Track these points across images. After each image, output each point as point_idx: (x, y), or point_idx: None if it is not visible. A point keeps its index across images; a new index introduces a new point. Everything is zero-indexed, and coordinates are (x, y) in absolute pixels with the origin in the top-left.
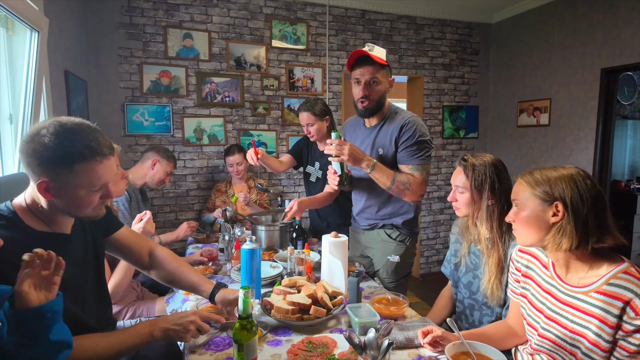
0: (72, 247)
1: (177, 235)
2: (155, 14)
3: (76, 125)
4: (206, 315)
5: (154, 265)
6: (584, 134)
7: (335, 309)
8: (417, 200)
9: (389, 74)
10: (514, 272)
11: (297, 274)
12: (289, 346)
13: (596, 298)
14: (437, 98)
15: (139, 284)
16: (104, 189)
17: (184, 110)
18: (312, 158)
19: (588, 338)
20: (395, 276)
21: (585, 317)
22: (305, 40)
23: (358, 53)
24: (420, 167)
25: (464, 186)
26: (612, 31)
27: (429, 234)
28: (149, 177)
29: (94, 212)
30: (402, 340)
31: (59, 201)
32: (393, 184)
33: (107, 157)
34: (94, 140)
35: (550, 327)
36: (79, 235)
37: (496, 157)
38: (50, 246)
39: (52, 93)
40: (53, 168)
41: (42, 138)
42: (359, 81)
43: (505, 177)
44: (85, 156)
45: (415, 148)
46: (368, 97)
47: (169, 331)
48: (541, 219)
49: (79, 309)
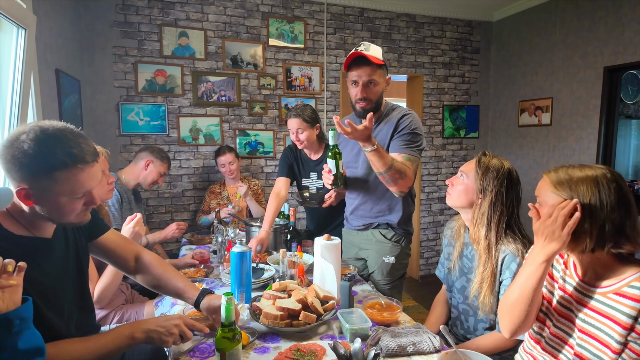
0: (53, 252)
1: (165, 235)
2: (151, 12)
3: (58, 130)
4: (191, 323)
5: (140, 269)
6: (587, 134)
7: (326, 314)
8: (404, 192)
9: (386, 72)
10: None
11: (290, 277)
12: (276, 354)
13: (614, 299)
14: (437, 97)
15: (128, 286)
16: (87, 195)
17: (179, 110)
18: (305, 170)
19: (599, 339)
20: (390, 277)
21: (599, 318)
22: (302, 39)
23: (354, 54)
24: (412, 157)
25: (467, 175)
26: (615, 29)
27: (428, 235)
28: (142, 178)
29: (78, 219)
30: (394, 348)
31: (40, 208)
32: (389, 170)
33: (90, 165)
34: (76, 147)
35: (563, 325)
36: (61, 240)
37: (513, 167)
38: (30, 251)
39: (41, 92)
40: (32, 175)
41: (22, 144)
42: (356, 82)
43: (514, 188)
44: (66, 164)
45: (409, 138)
46: (366, 99)
47: (151, 332)
48: None
49: (55, 316)
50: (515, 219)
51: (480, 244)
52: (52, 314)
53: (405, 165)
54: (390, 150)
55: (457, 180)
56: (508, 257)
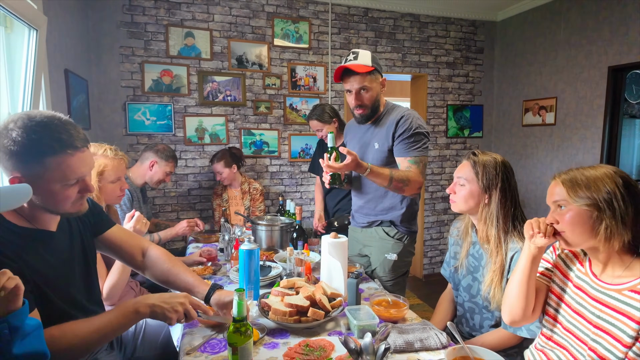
0: (56, 245)
1: (175, 232)
2: (157, 12)
3: (45, 118)
4: (197, 303)
5: (148, 265)
6: (591, 133)
7: (334, 311)
8: (416, 193)
9: (379, 75)
10: (547, 254)
11: (297, 275)
12: (285, 349)
13: (629, 296)
14: (441, 97)
15: (137, 284)
16: (80, 183)
17: (185, 110)
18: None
19: (612, 334)
20: (393, 274)
21: (614, 314)
22: (307, 39)
23: (340, 69)
24: (417, 158)
25: (466, 179)
26: (620, 28)
27: (432, 234)
28: (148, 178)
29: (74, 208)
30: (401, 344)
31: (36, 197)
32: (391, 183)
33: (81, 150)
34: (65, 133)
35: (576, 320)
36: (65, 233)
37: (504, 158)
38: (31, 242)
39: (51, 92)
40: (23, 163)
41: (10, 132)
42: (350, 91)
43: (513, 178)
44: (54, 149)
45: (412, 140)
46: (362, 105)
47: (156, 307)
48: (588, 222)
49: (67, 305)
50: (519, 207)
51: (490, 242)
52: (63, 304)
53: (410, 170)
54: (395, 154)
55: (458, 187)
56: (517, 255)
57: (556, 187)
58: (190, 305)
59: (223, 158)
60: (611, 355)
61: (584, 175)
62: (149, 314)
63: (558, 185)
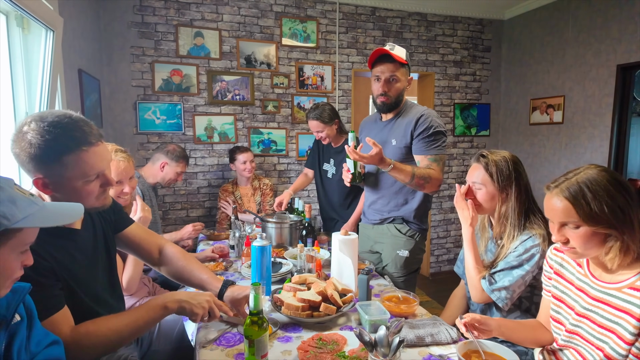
0: (82, 243)
1: (181, 236)
2: (167, 12)
3: (57, 117)
4: (219, 303)
5: (164, 261)
6: (599, 132)
7: (345, 306)
8: (436, 190)
9: (408, 72)
10: (547, 270)
11: (307, 271)
12: (299, 343)
13: (628, 294)
14: (448, 95)
15: (150, 279)
16: (101, 177)
17: (195, 109)
18: (326, 156)
19: (617, 333)
20: (404, 271)
21: (616, 313)
22: (315, 38)
23: (379, 51)
24: (437, 157)
25: (482, 182)
26: (629, 26)
27: (439, 233)
28: (160, 178)
29: (99, 203)
30: (412, 339)
31: (60, 195)
32: (413, 179)
33: (95, 145)
34: (77, 130)
35: (581, 322)
36: (89, 231)
37: (511, 153)
38: (61, 241)
39: (66, 91)
40: (43, 164)
41: (26, 135)
42: (378, 78)
43: (524, 172)
44: (70, 147)
45: (432, 139)
46: (387, 94)
47: (184, 303)
48: (600, 237)
49: (92, 302)
50: (532, 200)
51: (504, 238)
52: (89, 300)
53: (430, 168)
54: (414, 152)
55: (477, 193)
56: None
57: (559, 203)
58: (215, 304)
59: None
60: (615, 354)
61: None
62: (177, 309)
63: (561, 201)
